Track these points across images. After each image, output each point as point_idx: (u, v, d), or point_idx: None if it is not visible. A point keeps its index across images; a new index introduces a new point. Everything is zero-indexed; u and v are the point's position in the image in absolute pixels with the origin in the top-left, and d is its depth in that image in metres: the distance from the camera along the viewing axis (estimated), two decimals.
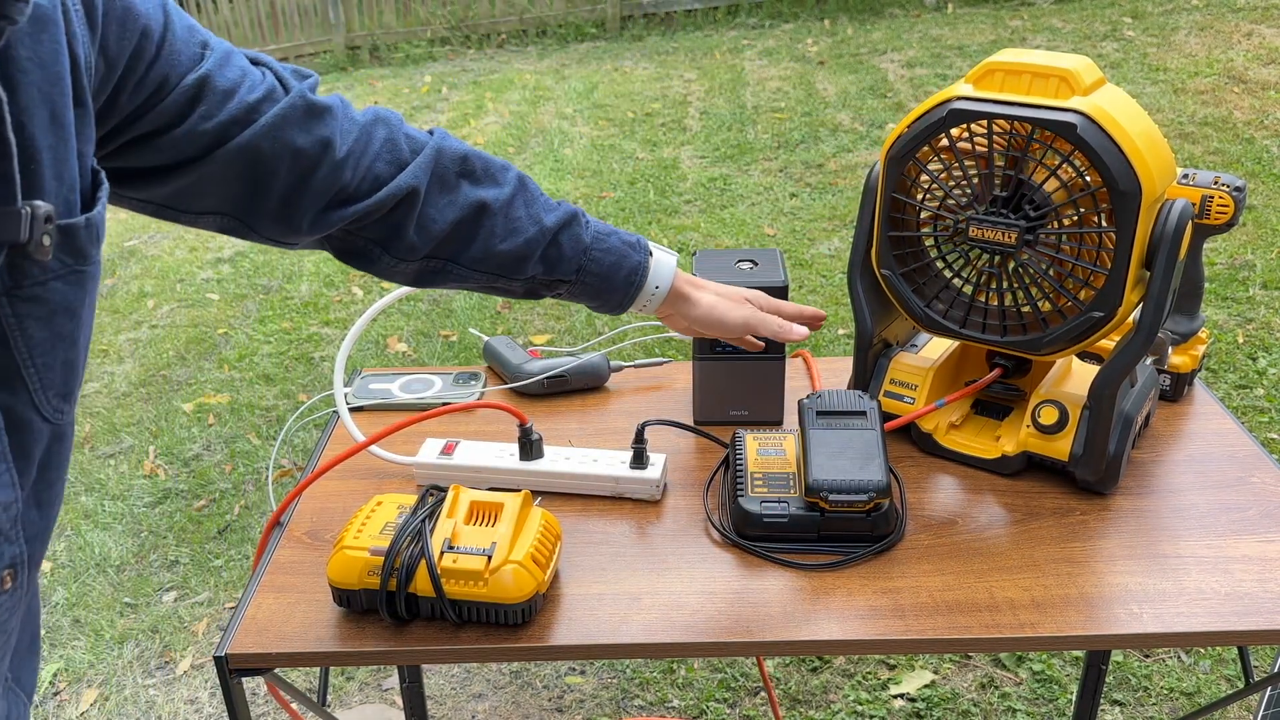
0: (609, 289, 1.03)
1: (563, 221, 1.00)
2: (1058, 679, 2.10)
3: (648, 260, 1.04)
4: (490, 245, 0.98)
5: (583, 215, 1.02)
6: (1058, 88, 1.01)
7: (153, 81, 0.76)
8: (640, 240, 1.05)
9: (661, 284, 1.05)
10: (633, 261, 1.03)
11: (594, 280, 1.02)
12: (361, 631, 0.97)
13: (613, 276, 1.02)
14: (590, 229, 1.02)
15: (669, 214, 4.52)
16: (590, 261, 1.01)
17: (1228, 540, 1.05)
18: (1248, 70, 5.49)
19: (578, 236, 1.01)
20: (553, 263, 1.00)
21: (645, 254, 1.04)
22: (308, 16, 7.95)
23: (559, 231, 1.00)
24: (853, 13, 7.67)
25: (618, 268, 1.02)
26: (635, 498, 1.15)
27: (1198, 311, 1.29)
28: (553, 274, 1.01)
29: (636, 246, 1.04)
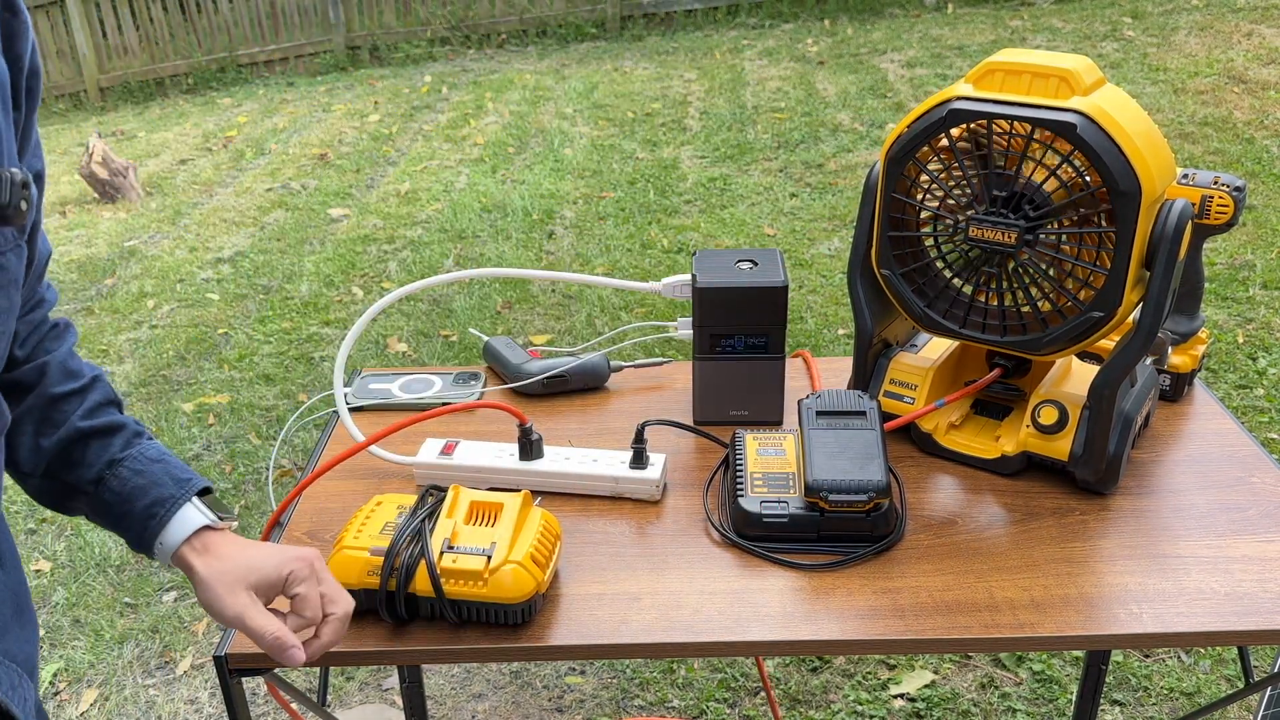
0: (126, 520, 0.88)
1: (101, 428, 0.89)
2: (1058, 679, 2.10)
3: (178, 505, 0.88)
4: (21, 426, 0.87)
5: (147, 437, 0.91)
6: (1058, 88, 1.01)
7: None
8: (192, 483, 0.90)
9: (169, 540, 0.88)
10: (160, 496, 0.87)
11: (112, 499, 0.88)
12: (361, 631, 0.97)
13: (131, 502, 0.88)
14: (133, 450, 0.89)
15: (669, 214, 4.52)
16: (114, 478, 0.88)
17: (1228, 540, 1.05)
18: (1248, 70, 5.49)
19: (109, 447, 0.89)
20: (71, 466, 0.88)
21: (183, 496, 0.88)
22: (308, 16, 7.95)
23: (91, 436, 0.88)
24: (853, 13, 7.67)
25: (139, 494, 0.87)
26: (635, 498, 1.15)
27: (1198, 311, 1.29)
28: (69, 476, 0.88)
29: (181, 485, 0.89)
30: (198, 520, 0.88)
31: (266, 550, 0.89)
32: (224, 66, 7.93)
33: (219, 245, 4.66)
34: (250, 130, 6.50)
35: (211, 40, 7.97)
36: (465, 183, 5.15)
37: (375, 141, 5.97)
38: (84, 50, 7.69)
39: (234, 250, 4.59)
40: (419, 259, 4.27)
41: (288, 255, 4.48)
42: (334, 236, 4.63)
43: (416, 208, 4.87)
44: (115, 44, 7.86)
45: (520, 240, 4.39)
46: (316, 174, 5.50)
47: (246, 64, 7.98)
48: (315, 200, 5.11)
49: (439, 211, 4.78)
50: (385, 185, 5.23)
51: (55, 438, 0.87)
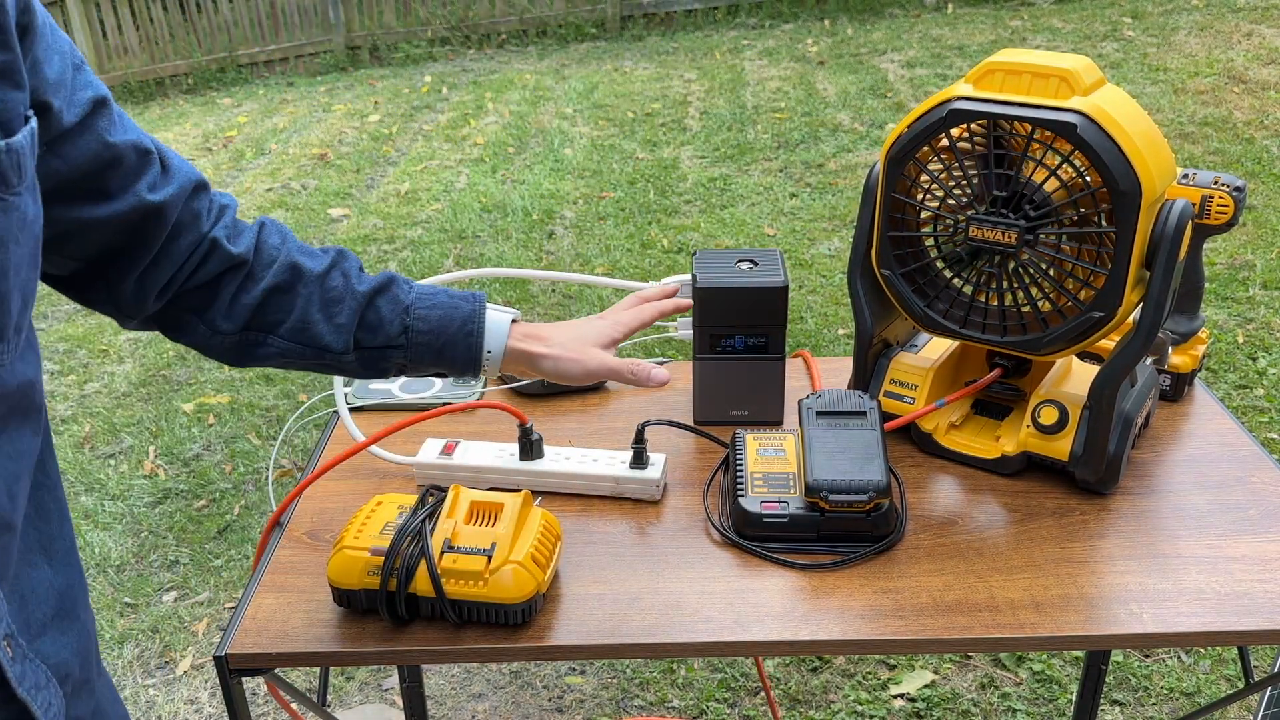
0: (448, 345, 0.96)
1: (378, 286, 0.95)
2: (1058, 679, 2.10)
3: (482, 311, 0.97)
4: (308, 315, 0.93)
5: (403, 279, 0.97)
6: (1058, 88, 1.01)
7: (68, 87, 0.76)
8: (475, 294, 0.98)
9: (495, 346, 0.98)
10: (464, 312, 0.96)
11: (426, 339, 0.95)
12: (361, 631, 0.97)
13: (444, 331, 0.95)
14: (413, 290, 0.97)
15: (669, 214, 4.52)
16: (415, 320, 0.95)
17: (1228, 540, 1.05)
18: (1248, 70, 5.49)
19: (395, 298, 0.95)
20: (373, 327, 0.95)
21: (478, 304, 0.97)
22: (308, 16, 7.95)
23: (375, 295, 0.95)
24: (853, 13, 7.67)
25: (448, 321, 0.95)
26: (635, 498, 1.15)
27: (1198, 311, 1.29)
28: (377, 339, 0.95)
29: (469, 299, 0.97)
30: (505, 319, 0.99)
31: (584, 320, 1.05)
32: (224, 66, 7.94)
33: None
34: (250, 130, 6.50)
35: (211, 40, 7.98)
36: (465, 183, 5.15)
37: (375, 141, 5.97)
38: (84, 50, 7.69)
39: None
40: (419, 259, 4.27)
41: None
42: (334, 236, 4.63)
43: (416, 208, 4.87)
44: (115, 44, 7.86)
45: (520, 240, 4.39)
46: (316, 174, 5.50)
47: (246, 64, 7.98)
48: (315, 200, 5.11)
49: (439, 211, 4.78)
50: (385, 185, 5.23)
51: (347, 311, 0.93)
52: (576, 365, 1.01)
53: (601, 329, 1.05)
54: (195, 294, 0.92)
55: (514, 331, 0.99)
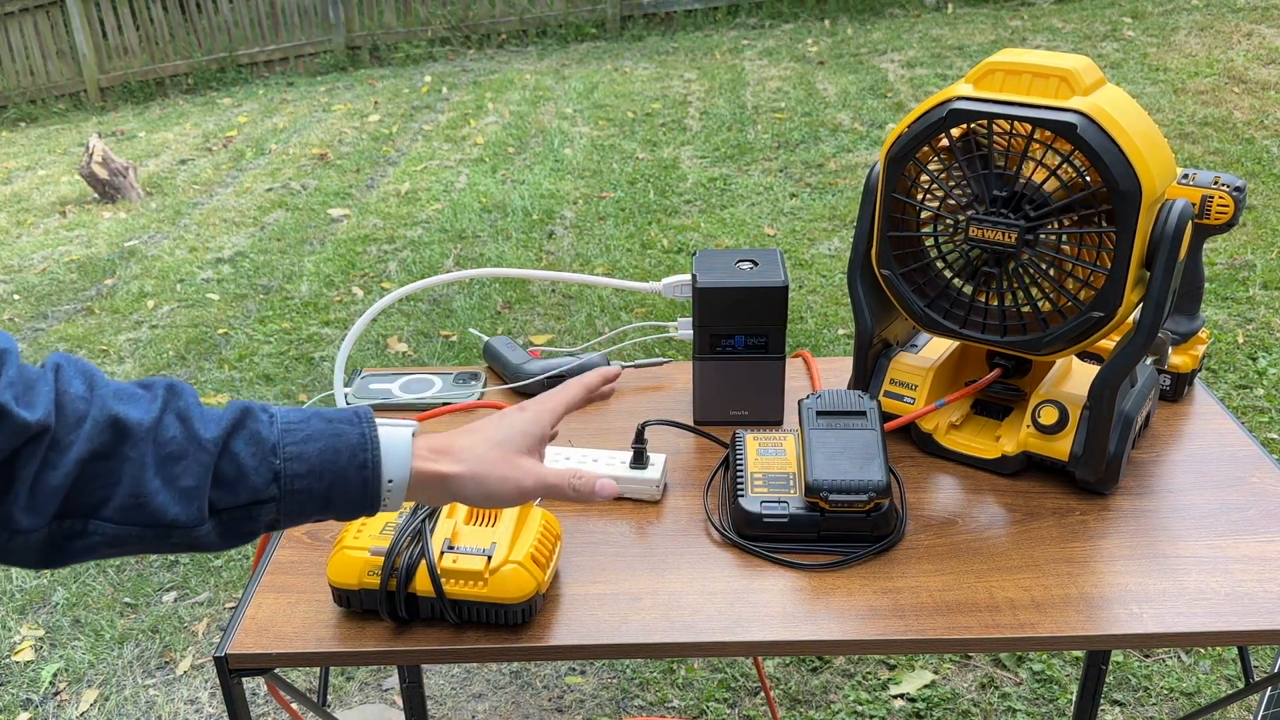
0: (337, 486, 0.74)
1: (230, 425, 0.72)
2: (1058, 679, 2.10)
3: (374, 432, 0.76)
4: (141, 484, 0.69)
5: (258, 407, 0.75)
6: (1058, 88, 1.01)
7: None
8: (357, 411, 0.77)
9: (395, 476, 0.76)
10: (351, 439, 0.74)
11: (306, 483, 0.73)
12: (361, 631, 0.97)
13: (330, 469, 0.74)
14: (275, 421, 0.74)
15: (669, 214, 4.52)
16: (288, 461, 0.73)
17: (1228, 540, 1.05)
18: (1248, 70, 5.49)
19: (256, 436, 0.72)
20: (232, 483, 0.72)
21: (366, 424, 0.76)
22: (308, 16, 7.95)
23: (228, 439, 0.72)
24: (853, 13, 7.67)
25: (332, 454, 0.74)
26: (635, 498, 1.15)
27: (1198, 311, 1.29)
28: (239, 496, 0.72)
29: (352, 418, 0.76)
30: (405, 434, 0.78)
31: (499, 420, 0.84)
32: (224, 66, 7.93)
33: (219, 245, 4.66)
34: (250, 130, 6.50)
35: (211, 40, 7.97)
36: (465, 183, 5.15)
37: (375, 141, 5.97)
38: (84, 50, 7.69)
39: (234, 250, 4.59)
40: (419, 259, 4.27)
41: (288, 255, 4.48)
42: (334, 236, 4.63)
43: (416, 208, 4.87)
44: (115, 44, 7.86)
45: (520, 240, 4.39)
46: (316, 174, 5.50)
47: (246, 64, 7.98)
48: (315, 200, 5.11)
49: (439, 211, 4.78)
50: (385, 185, 5.23)
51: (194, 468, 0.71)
52: (506, 483, 0.81)
53: (525, 429, 0.85)
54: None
55: (417, 449, 0.78)
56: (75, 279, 4.45)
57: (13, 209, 5.54)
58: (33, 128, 7.57)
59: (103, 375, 0.73)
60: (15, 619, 2.49)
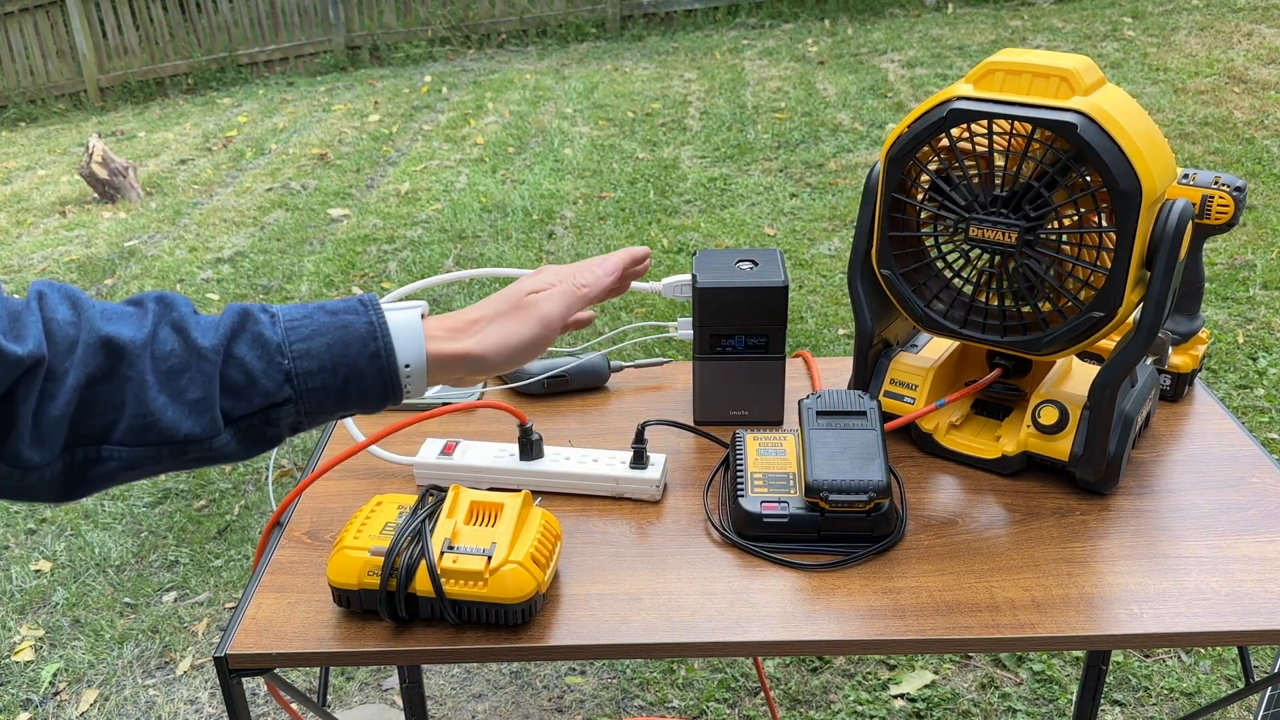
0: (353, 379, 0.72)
1: (230, 329, 0.69)
2: (1058, 679, 2.10)
3: (382, 318, 0.73)
4: (146, 403, 0.67)
5: (258, 309, 0.72)
6: (1058, 88, 1.01)
7: None
8: (363, 299, 0.74)
9: (413, 360, 0.74)
10: (359, 328, 0.72)
11: (320, 380, 0.71)
12: (361, 631, 0.97)
13: (342, 361, 0.71)
14: (278, 320, 0.71)
15: (669, 214, 4.52)
16: (297, 359, 0.70)
17: (1228, 540, 1.05)
18: (1248, 70, 5.49)
19: (260, 338, 0.70)
20: (242, 389, 0.69)
21: (373, 311, 0.73)
22: (308, 16, 7.95)
23: (230, 344, 0.69)
24: (853, 13, 7.67)
25: (342, 346, 0.71)
26: (635, 498, 1.15)
27: (1198, 311, 1.29)
28: (253, 402, 0.69)
29: (357, 307, 0.73)
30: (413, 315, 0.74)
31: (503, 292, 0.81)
32: (224, 66, 7.93)
33: (219, 245, 4.66)
34: (250, 130, 6.50)
35: (211, 40, 7.97)
36: (465, 183, 5.15)
37: (375, 141, 5.97)
38: (84, 50, 7.69)
39: (234, 250, 4.59)
40: (419, 259, 4.27)
41: (288, 255, 4.48)
42: (334, 236, 4.63)
43: (416, 208, 4.87)
44: (115, 44, 7.86)
45: (520, 240, 4.39)
46: (316, 174, 5.50)
47: (246, 64, 7.98)
48: (315, 200, 5.11)
49: (439, 211, 4.78)
50: (385, 185, 5.23)
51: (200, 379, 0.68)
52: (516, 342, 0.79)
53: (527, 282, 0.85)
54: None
55: (430, 330, 0.76)
56: (75, 279, 4.45)
57: (13, 209, 5.54)
58: (33, 128, 7.57)
59: (88, 297, 0.69)
60: (15, 619, 2.49)
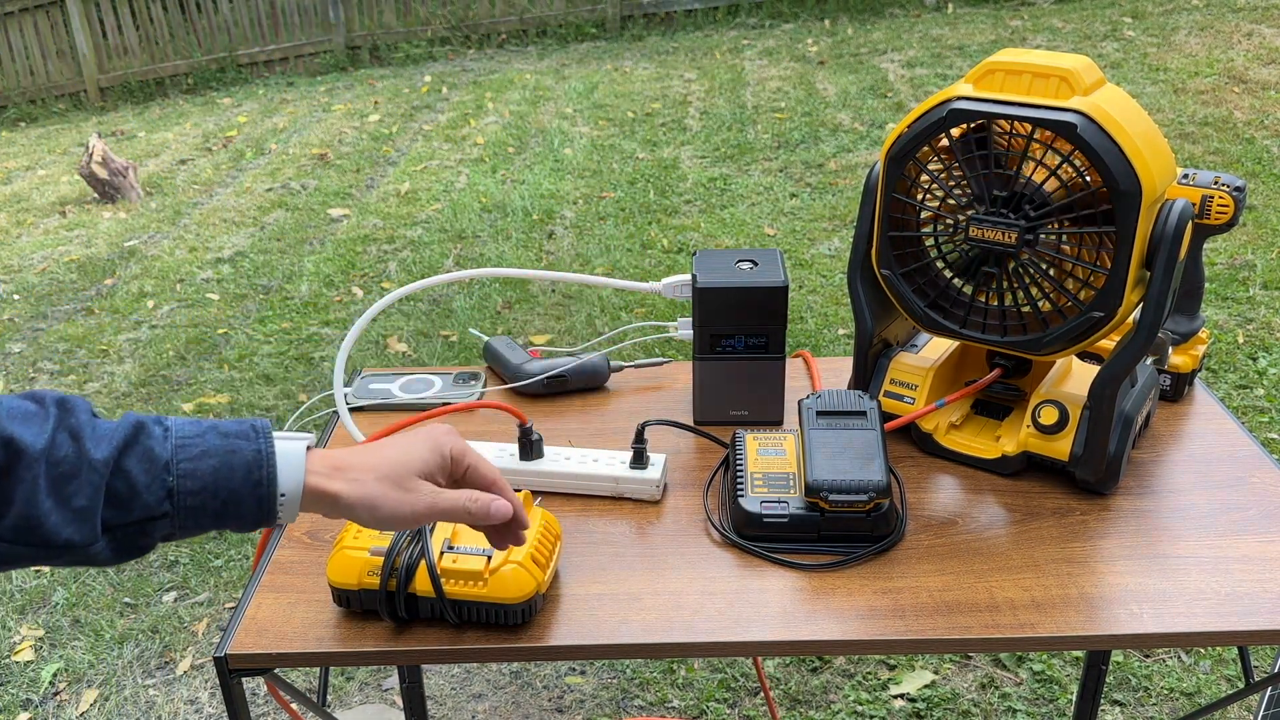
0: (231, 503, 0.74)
1: (122, 443, 0.72)
2: (1058, 679, 2.10)
3: (270, 449, 0.75)
4: (34, 506, 0.68)
5: (151, 421, 0.74)
6: (1058, 88, 1.01)
7: None
8: (253, 424, 0.76)
9: (290, 487, 0.76)
10: (246, 455, 0.74)
11: (199, 500, 0.73)
12: (361, 631, 0.97)
13: (224, 486, 0.73)
14: (170, 435, 0.73)
15: (669, 214, 4.52)
16: (181, 479, 0.72)
17: (1228, 540, 1.05)
18: (1248, 70, 5.49)
19: (149, 454, 0.72)
20: (124, 501, 0.71)
21: (262, 439, 0.75)
22: (308, 16, 7.95)
23: (120, 457, 0.71)
24: (853, 13, 7.67)
25: (226, 471, 0.73)
26: (635, 498, 1.15)
27: (1198, 311, 1.29)
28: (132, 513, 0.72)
29: (248, 433, 0.75)
30: (298, 447, 0.77)
31: (403, 441, 0.81)
32: (224, 66, 7.93)
33: (219, 245, 4.66)
34: (250, 130, 6.50)
35: (211, 40, 7.97)
36: (465, 183, 5.15)
37: (375, 141, 5.97)
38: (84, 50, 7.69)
39: (234, 250, 4.59)
40: (419, 259, 4.27)
41: (288, 255, 4.48)
42: (334, 236, 4.63)
43: (416, 208, 4.87)
44: (115, 44, 7.86)
45: (520, 240, 4.39)
46: (316, 174, 5.50)
47: (246, 64, 7.98)
48: (315, 200, 5.11)
49: (439, 211, 4.78)
50: (385, 185, 5.23)
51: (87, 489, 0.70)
52: (401, 506, 0.79)
53: (426, 456, 0.81)
54: None
55: (312, 464, 0.77)
56: (75, 279, 4.45)
57: (13, 209, 5.54)
58: (33, 128, 7.57)
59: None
60: (15, 619, 2.49)
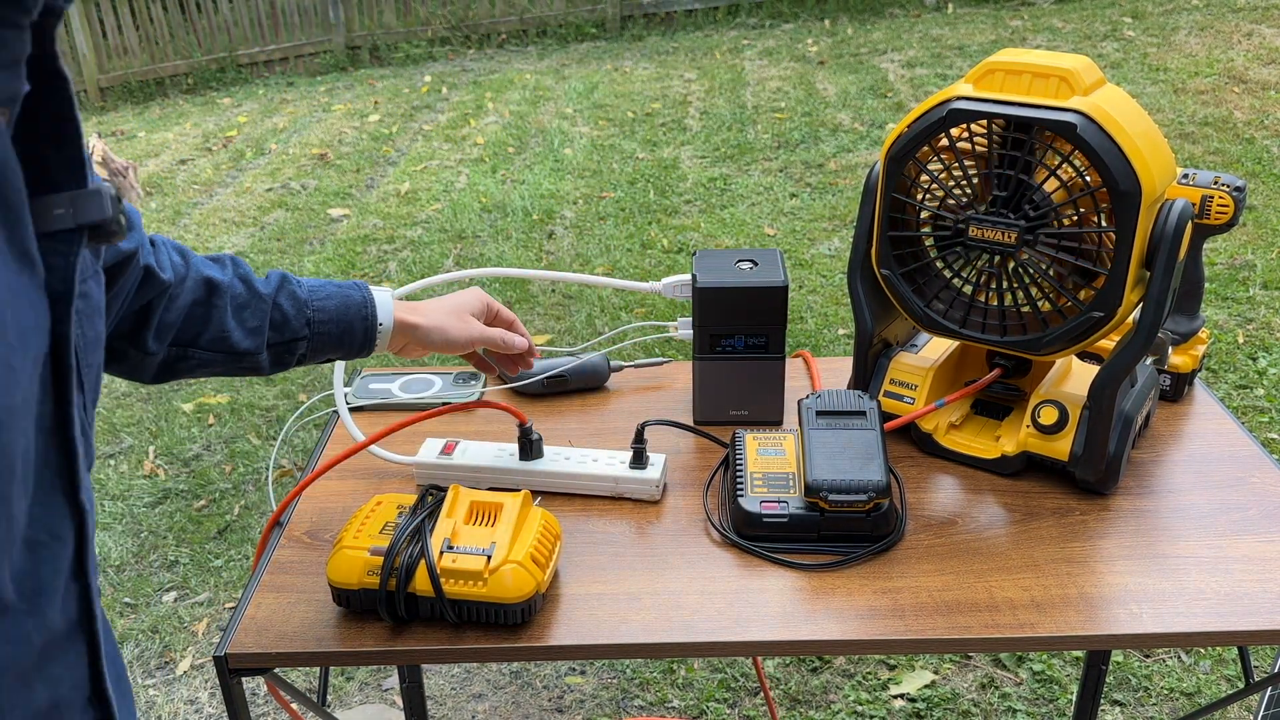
0: (347, 331, 1.05)
1: (277, 286, 1.03)
2: (1058, 679, 2.10)
3: (371, 296, 1.06)
4: (224, 324, 0.99)
5: (290, 276, 1.05)
6: (1058, 88, 1.01)
7: None
8: (356, 282, 1.08)
9: (386, 320, 1.07)
10: (357, 300, 1.05)
11: (327, 328, 1.04)
12: (361, 631, 0.97)
13: (343, 318, 1.05)
14: (303, 285, 1.05)
15: (669, 214, 4.52)
16: (315, 313, 1.03)
17: (1228, 540, 1.05)
18: (1248, 70, 5.49)
19: (294, 295, 1.03)
20: (280, 326, 1.02)
21: (365, 291, 1.06)
22: (308, 16, 7.95)
23: (277, 295, 1.02)
24: (853, 13, 7.67)
25: (344, 309, 1.05)
26: (635, 498, 1.15)
27: (1198, 311, 1.29)
28: (284, 335, 1.03)
29: (354, 287, 1.07)
30: (388, 296, 1.08)
31: (457, 296, 1.14)
32: (224, 66, 7.93)
33: (219, 245, 4.66)
34: (250, 130, 6.50)
35: (211, 40, 7.97)
36: (465, 183, 5.15)
37: (375, 141, 5.97)
38: (84, 50, 7.69)
39: (234, 250, 4.59)
40: (419, 259, 4.27)
41: (288, 255, 4.48)
42: (334, 236, 4.63)
43: (416, 208, 4.87)
44: (115, 44, 7.86)
45: (520, 240, 4.39)
46: (316, 174, 5.50)
47: (246, 64, 7.98)
48: (315, 200, 5.11)
49: (439, 211, 4.78)
50: (385, 185, 5.23)
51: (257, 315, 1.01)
52: (462, 331, 1.11)
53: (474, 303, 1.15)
54: (129, 319, 0.94)
55: (397, 307, 1.08)
56: None
57: None
58: None
59: (185, 246, 1.00)
60: None
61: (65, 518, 0.61)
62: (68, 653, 0.62)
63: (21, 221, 0.53)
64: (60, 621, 0.61)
